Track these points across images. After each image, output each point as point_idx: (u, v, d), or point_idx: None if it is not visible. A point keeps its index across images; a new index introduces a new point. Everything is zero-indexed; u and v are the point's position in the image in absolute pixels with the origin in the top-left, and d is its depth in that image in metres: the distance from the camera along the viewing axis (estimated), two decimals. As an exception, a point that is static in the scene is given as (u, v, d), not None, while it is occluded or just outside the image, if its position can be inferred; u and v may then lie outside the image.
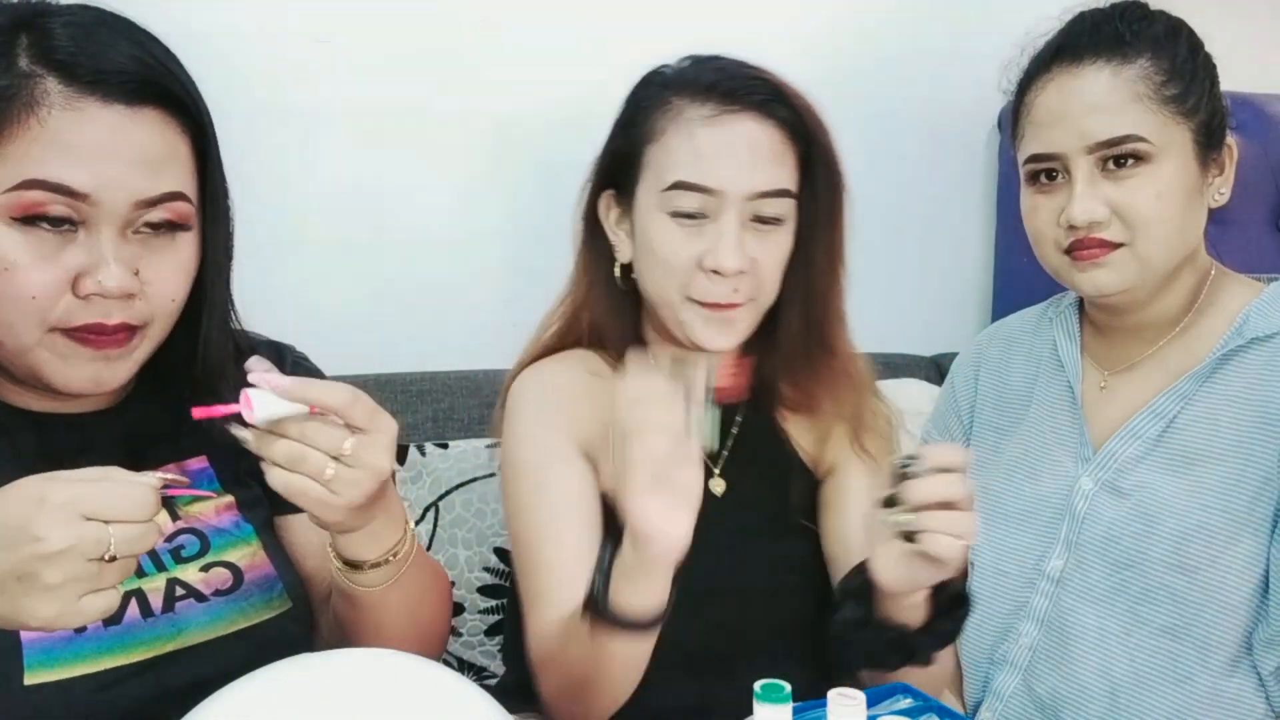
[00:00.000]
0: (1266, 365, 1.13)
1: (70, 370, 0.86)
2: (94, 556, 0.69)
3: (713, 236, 1.09)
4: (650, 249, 1.12)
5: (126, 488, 0.72)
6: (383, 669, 0.75)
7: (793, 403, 1.22)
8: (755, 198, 1.09)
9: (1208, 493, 1.12)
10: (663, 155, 1.11)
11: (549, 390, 1.19)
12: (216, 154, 0.93)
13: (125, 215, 0.84)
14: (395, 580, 0.92)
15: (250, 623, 0.95)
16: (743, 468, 1.20)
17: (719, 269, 1.08)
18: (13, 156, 0.81)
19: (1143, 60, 1.12)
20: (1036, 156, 1.17)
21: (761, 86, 1.11)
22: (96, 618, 0.72)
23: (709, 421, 0.93)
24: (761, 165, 1.09)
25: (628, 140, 1.15)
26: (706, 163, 1.08)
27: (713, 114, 1.09)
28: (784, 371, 1.20)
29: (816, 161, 1.13)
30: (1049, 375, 1.29)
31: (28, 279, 0.82)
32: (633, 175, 1.14)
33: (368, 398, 0.82)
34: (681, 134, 1.10)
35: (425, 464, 1.57)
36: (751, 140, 1.09)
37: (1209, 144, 1.15)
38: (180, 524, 0.96)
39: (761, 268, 1.11)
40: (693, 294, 1.10)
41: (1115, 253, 1.13)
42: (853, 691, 0.86)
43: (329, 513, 0.83)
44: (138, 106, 0.85)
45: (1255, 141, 1.98)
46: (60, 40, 0.83)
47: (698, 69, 1.14)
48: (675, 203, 1.09)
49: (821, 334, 1.18)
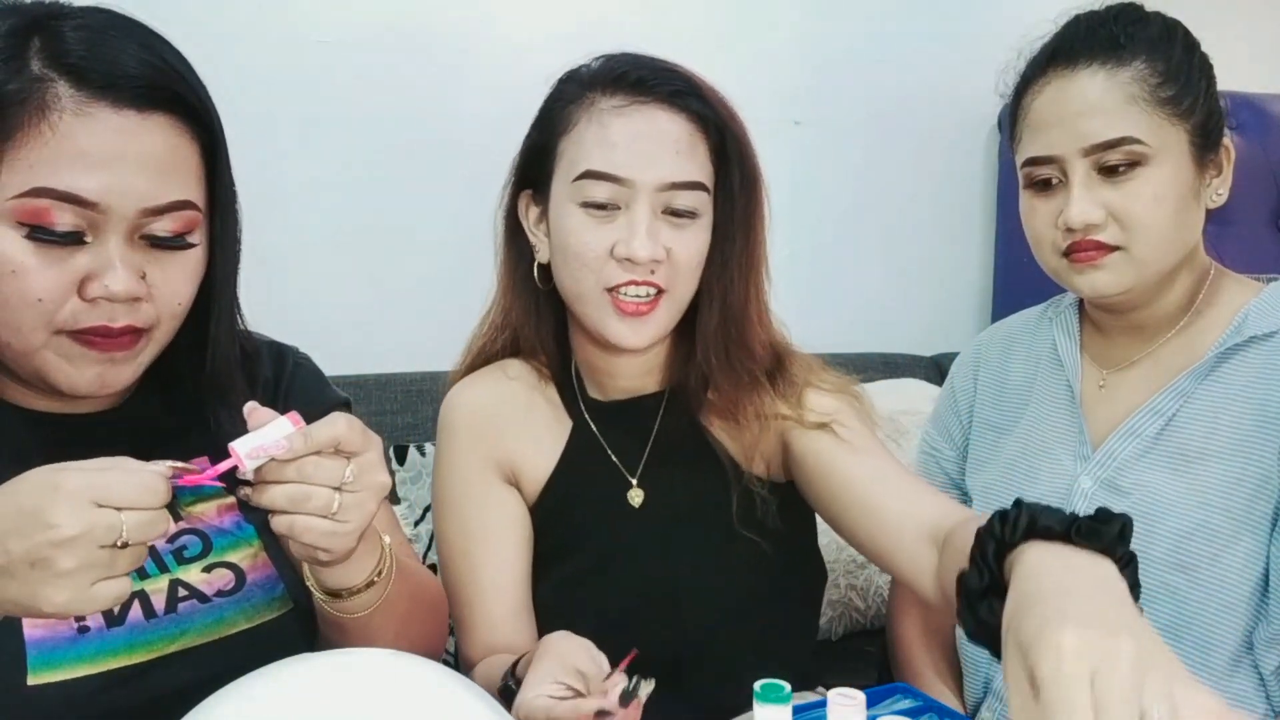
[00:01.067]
0: (1265, 364, 1.13)
1: (75, 372, 0.86)
2: (106, 543, 0.70)
3: (624, 226, 1.07)
4: (564, 242, 1.10)
5: (138, 475, 0.72)
6: (382, 669, 0.75)
7: (715, 406, 1.18)
8: (667, 188, 1.08)
9: (1207, 491, 1.12)
10: (574, 146, 1.10)
11: (470, 413, 1.19)
12: (226, 159, 0.93)
13: (133, 221, 0.84)
14: (381, 600, 0.91)
15: (252, 623, 0.95)
16: (662, 474, 1.17)
17: (631, 257, 1.06)
18: (23, 161, 0.81)
19: (1138, 62, 1.12)
20: (1033, 160, 1.17)
21: (673, 78, 1.10)
22: (109, 604, 0.72)
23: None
24: (672, 156, 1.08)
25: (542, 135, 1.14)
26: (617, 152, 1.07)
27: (623, 104, 1.08)
28: (703, 373, 1.16)
29: (731, 156, 1.12)
30: (1048, 374, 1.29)
31: (34, 282, 0.82)
32: (547, 169, 1.13)
33: (354, 419, 0.81)
34: (593, 124, 1.08)
35: (425, 464, 1.57)
36: (661, 131, 1.08)
37: (1205, 145, 1.14)
38: (182, 525, 0.96)
39: (676, 259, 1.09)
40: (608, 283, 1.08)
41: (1112, 255, 1.13)
42: (853, 691, 0.86)
43: (339, 541, 0.81)
44: (148, 112, 0.84)
45: (1255, 141, 1.98)
46: (72, 44, 0.83)
47: (612, 63, 1.12)
48: (586, 192, 1.08)
49: (740, 335, 1.14)
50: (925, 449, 1.42)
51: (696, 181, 1.09)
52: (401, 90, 1.72)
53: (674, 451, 1.18)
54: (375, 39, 1.70)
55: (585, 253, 1.08)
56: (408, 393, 1.63)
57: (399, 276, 1.76)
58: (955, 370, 1.41)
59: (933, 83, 1.98)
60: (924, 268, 2.13)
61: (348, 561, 0.86)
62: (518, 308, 1.19)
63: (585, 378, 1.21)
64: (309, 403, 1.02)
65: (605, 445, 1.19)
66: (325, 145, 1.69)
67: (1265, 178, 2.00)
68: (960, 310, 2.18)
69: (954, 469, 1.37)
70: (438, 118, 1.75)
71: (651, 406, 1.20)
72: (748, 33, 1.93)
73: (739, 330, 1.14)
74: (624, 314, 1.08)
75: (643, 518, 1.16)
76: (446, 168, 1.76)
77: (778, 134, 1.95)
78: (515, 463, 1.18)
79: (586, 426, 1.19)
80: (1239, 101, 2.00)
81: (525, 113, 1.74)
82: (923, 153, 2.08)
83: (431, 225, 1.76)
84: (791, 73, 1.98)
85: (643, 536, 1.14)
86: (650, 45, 1.80)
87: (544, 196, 1.14)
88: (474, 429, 1.18)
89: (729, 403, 1.16)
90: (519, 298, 1.19)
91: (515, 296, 1.19)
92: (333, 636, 0.94)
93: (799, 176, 1.94)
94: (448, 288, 1.78)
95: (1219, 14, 2.20)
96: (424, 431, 1.60)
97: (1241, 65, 2.11)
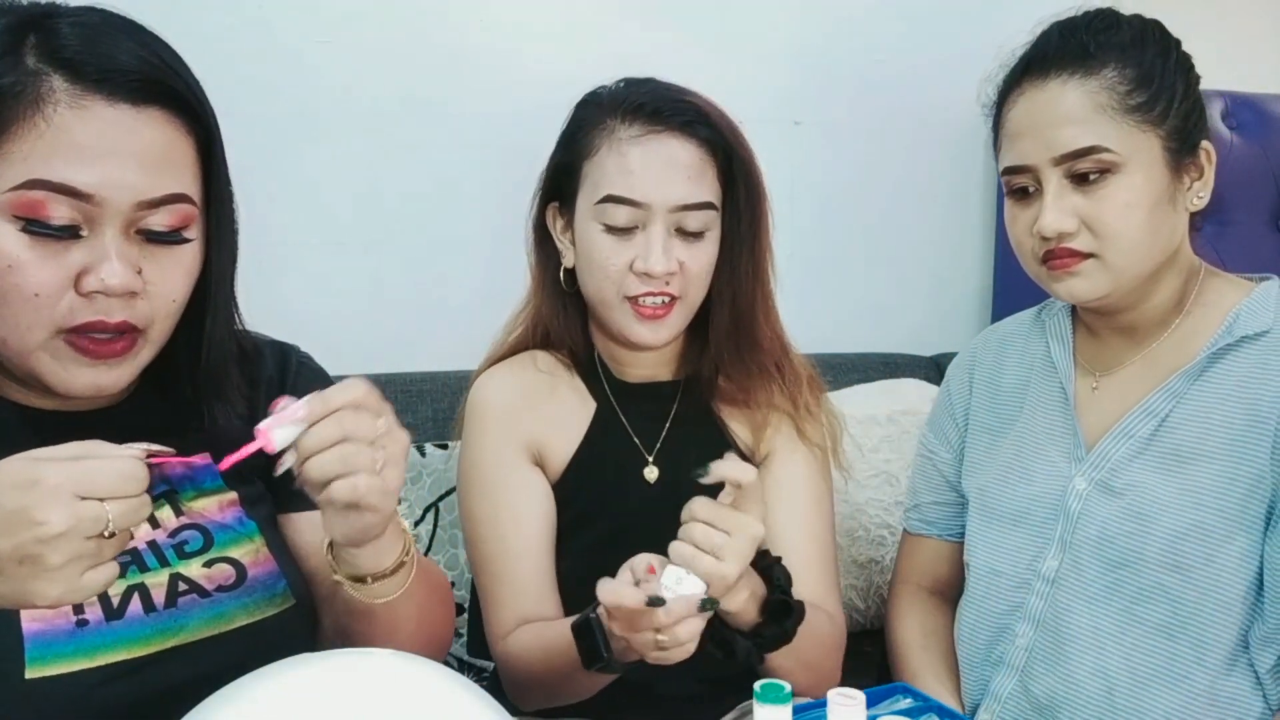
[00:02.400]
0: (1257, 363, 1.13)
1: (69, 376, 0.87)
2: (93, 534, 0.70)
3: (642, 244, 1.21)
4: (589, 256, 1.24)
5: (118, 463, 0.72)
6: (382, 669, 0.75)
7: (727, 394, 1.32)
8: (678, 210, 1.21)
9: (1201, 491, 1.12)
10: (596, 170, 1.23)
11: (500, 398, 1.29)
12: (222, 156, 0.93)
13: (128, 215, 0.85)
14: (408, 582, 0.92)
15: (252, 619, 0.95)
16: (677, 454, 1.28)
17: (649, 271, 1.20)
18: (18, 154, 0.81)
19: (1108, 70, 1.13)
20: (1010, 169, 1.19)
21: (686, 108, 1.22)
22: (99, 590, 0.73)
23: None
24: (683, 180, 1.21)
25: (568, 155, 1.27)
26: (634, 178, 1.20)
27: (640, 134, 1.21)
28: (717, 367, 1.30)
29: (737, 176, 1.25)
30: (1042, 376, 1.29)
31: (31, 276, 0.82)
32: (573, 187, 1.26)
33: (368, 382, 0.83)
34: (613, 152, 1.22)
35: (425, 464, 1.57)
36: (674, 157, 1.21)
37: (1182, 150, 1.14)
38: (184, 519, 0.96)
39: (688, 270, 1.22)
40: (628, 293, 1.22)
41: (1086, 263, 1.14)
42: (852, 691, 0.86)
43: (389, 501, 0.83)
44: (143, 106, 0.85)
45: (1255, 141, 1.98)
46: (67, 39, 0.84)
47: (629, 90, 1.25)
48: (608, 215, 1.21)
49: (750, 333, 1.29)
50: (922, 451, 1.42)
51: (706, 202, 1.22)
52: (402, 90, 1.73)
53: (689, 434, 1.30)
54: (375, 39, 1.70)
55: (608, 267, 1.22)
56: (407, 393, 1.63)
57: (399, 277, 1.76)
58: (950, 373, 1.42)
59: (933, 83, 1.98)
60: (924, 268, 2.13)
61: (379, 541, 0.88)
62: (546, 306, 1.31)
63: (607, 364, 1.32)
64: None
65: (626, 424, 1.30)
66: (325, 145, 1.69)
67: (1265, 178, 2.00)
68: (960, 310, 2.18)
69: (950, 471, 1.37)
70: (438, 118, 1.75)
71: (669, 393, 1.32)
72: (748, 33, 1.93)
73: (748, 328, 1.28)
74: (643, 318, 1.23)
75: (656, 492, 1.27)
76: (447, 168, 1.76)
77: (778, 134, 1.95)
78: (541, 444, 1.28)
79: (610, 407, 1.30)
80: (1239, 101, 2.00)
81: (525, 112, 1.75)
82: (923, 153, 2.08)
83: (432, 225, 1.77)
84: (791, 73, 1.98)
85: (655, 510, 1.16)
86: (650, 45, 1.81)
87: (569, 210, 1.27)
88: (503, 413, 1.28)
89: (741, 390, 1.30)
90: (548, 297, 1.31)
91: (545, 296, 1.32)
92: (358, 627, 0.95)
93: (799, 176, 1.94)
94: (448, 288, 1.78)
95: (1219, 14, 2.21)
96: (424, 432, 1.60)
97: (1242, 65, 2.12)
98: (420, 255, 1.77)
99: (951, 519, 1.38)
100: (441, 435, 1.60)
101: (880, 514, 1.71)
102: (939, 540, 1.39)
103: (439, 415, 1.62)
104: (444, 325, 1.78)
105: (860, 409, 1.73)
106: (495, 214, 1.74)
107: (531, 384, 1.30)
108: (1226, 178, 1.90)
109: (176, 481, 0.97)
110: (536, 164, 1.31)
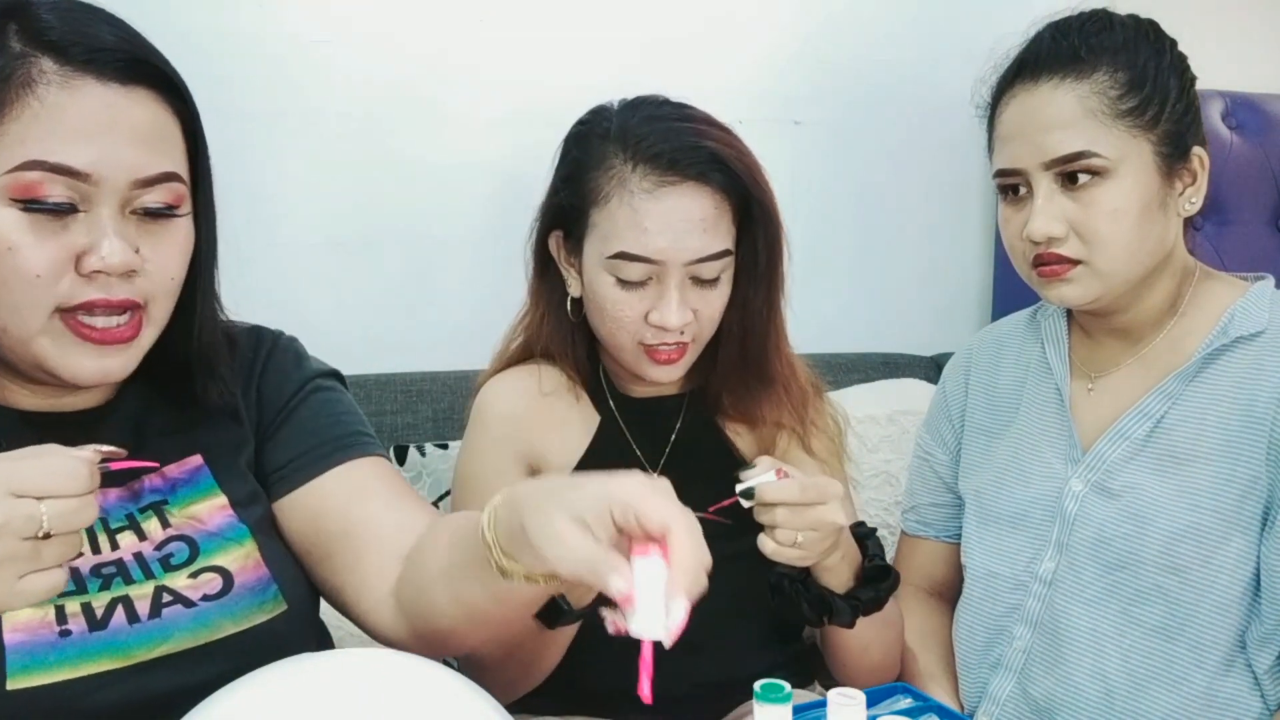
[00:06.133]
0: (1252, 364, 1.13)
1: (74, 363, 0.86)
2: (28, 535, 0.69)
3: (656, 296, 1.18)
4: (600, 307, 1.20)
5: (58, 461, 0.71)
6: (382, 669, 0.75)
7: (732, 410, 1.30)
8: (695, 263, 1.17)
9: (1197, 492, 1.12)
10: (607, 222, 1.18)
11: (503, 406, 1.28)
12: (204, 139, 0.94)
13: (124, 193, 0.85)
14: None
15: (240, 628, 0.93)
16: (682, 468, 1.24)
17: (664, 325, 1.17)
18: (13, 136, 0.82)
19: (1099, 74, 1.12)
20: (1001, 172, 1.19)
21: (700, 154, 1.16)
22: (41, 598, 0.71)
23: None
24: (699, 234, 1.16)
25: (573, 197, 1.21)
26: (648, 235, 1.15)
27: (653, 187, 1.16)
28: (723, 391, 1.29)
29: (756, 218, 1.21)
30: (1037, 378, 1.29)
31: (31, 258, 0.83)
32: (580, 230, 1.21)
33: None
34: (624, 206, 1.16)
35: (425, 464, 1.57)
36: (688, 211, 1.16)
37: (1174, 154, 1.14)
38: (171, 531, 0.95)
39: (703, 316, 1.21)
40: (642, 340, 1.20)
41: (1075, 269, 1.14)
42: (852, 691, 0.86)
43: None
44: (131, 86, 0.86)
45: (1255, 141, 1.98)
46: (49, 23, 0.85)
47: (639, 129, 1.18)
48: (621, 270, 1.17)
49: (760, 366, 1.27)
50: (919, 452, 1.42)
51: (722, 251, 1.19)
52: (402, 90, 1.72)
53: (693, 448, 1.29)
54: (374, 39, 1.70)
55: (621, 318, 1.19)
56: (407, 393, 1.63)
57: (398, 276, 1.76)
58: (946, 374, 1.42)
59: (933, 83, 1.98)
60: (924, 268, 2.13)
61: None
62: (552, 332, 1.29)
63: (612, 379, 1.31)
64: (283, 381, 1.05)
65: (630, 439, 1.28)
66: (325, 145, 1.69)
67: (1265, 178, 2.00)
68: (960, 310, 2.18)
69: (947, 473, 1.37)
70: (437, 118, 1.75)
71: (674, 407, 1.30)
72: (748, 32, 1.93)
73: (758, 362, 1.27)
74: (657, 362, 1.21)
75: None
76: (446, 168, 1.76)
77: (778, 134, 1.94)
78: (541, 455, 1.26)
79: (614, 420, 1.29)
80: (1239, 101, 2.00)
81: (522, 113, 1.75)
82: (923, 152, 2.07)
83: (431, 225, 1.76)
84: (791, 73, 1.98)
85: None
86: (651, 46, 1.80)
87: (576, 244, 1.23)
88: (505, 422, 1.27)
89: (748, 407, 1.29)
90: (554, 324, 1.28)
91: (550, 322, 1.29)
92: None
93: (799, 176, 1.94)
94: (447, 288, 1.78)
95: (1219, 14, 2.20)
96: (424, 431, 1.60)
97: (1242, 65, 2.11)
98: (420, 255, 1.77)
99: (948, 520, 1.38)
100: (441, 435, 1.60)
101: (880, 514, 1.71)
102: (936, 541, 1.39)
103: (439, 415, 1.62)
104: (444, 325, 1.77)
105: (860, 409, 1.73)
106: (495, 214, 1.74)
107: (536, 394, 1.28)
108: (1226, 178, 1.91)
109: (166, 490, 0.97)
110: (536, 164, 1.30)
